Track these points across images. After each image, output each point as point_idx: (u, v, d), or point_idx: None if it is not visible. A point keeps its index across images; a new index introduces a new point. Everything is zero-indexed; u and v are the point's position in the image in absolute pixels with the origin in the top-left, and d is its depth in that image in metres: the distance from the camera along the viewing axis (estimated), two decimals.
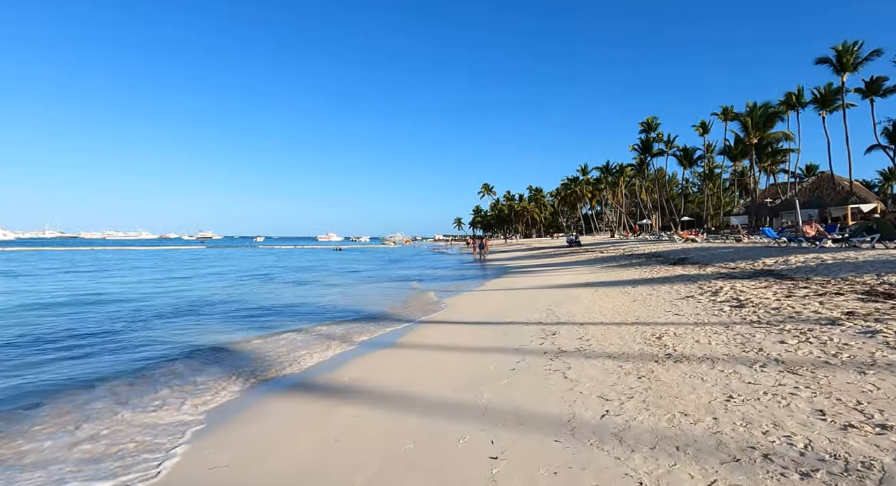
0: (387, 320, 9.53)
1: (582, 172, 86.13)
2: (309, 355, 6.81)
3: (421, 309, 11.06)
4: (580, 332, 6.79)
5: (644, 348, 5.45)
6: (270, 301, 12.76)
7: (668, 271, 13.20)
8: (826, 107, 45.86)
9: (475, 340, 7.10)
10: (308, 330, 8.71)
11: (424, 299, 13.36)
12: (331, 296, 13.82)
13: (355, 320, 9.62)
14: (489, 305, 10.73)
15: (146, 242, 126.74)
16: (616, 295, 10.06)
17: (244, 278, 20.36)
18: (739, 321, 6.15)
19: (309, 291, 15.51)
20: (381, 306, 11.45)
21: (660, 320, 6.98)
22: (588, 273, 15.88)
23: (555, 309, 9.05)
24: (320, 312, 10.86)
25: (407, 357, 6.47)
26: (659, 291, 9.85)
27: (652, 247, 25.14)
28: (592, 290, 11.34)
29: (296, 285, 17.84)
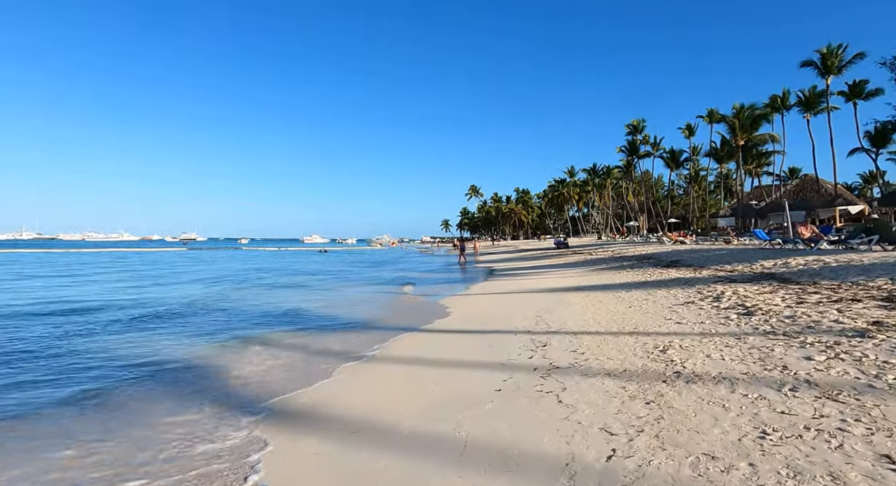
0: (361, 329, 8.75)
1: (569, 174, 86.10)
2: (262, 371, 6.00)
3: (399, 316, 10.30)
4: (574, 343, 6.10)
5: (648, 365, 4.76)
6: (238, 308, 11.87)
7: (661, 273, 12.61)
8: (810, 109, 46.10)
9: (457, 352, 6.36)
10: (268, 340, 7.88)
11: (404, 306, 12.60)
12: (304, 301, 12.96)
13: (326, 330, 8.82)
14: (474, 311, 10.02)
15: (127, 243, 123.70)
16: (610, 300, 9.41)
17: (218, 282, 19.37)
18: (751, 332, 5.50)
19: (281, 296, 14.61)
20: (356, 313, 10.66)
21: (661, 329, 6.31)
22: (578, 276, 15.25)
23: (545, 316, 8.37)
24: (288, 320, 10.02)
25: (379, 373, 5.70)
26: (655, 296, 9.22)
27: (641, 249, 24.68)
28: (584, 294, 10.68)
29: (269, 288, 16.90)
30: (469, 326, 8.36)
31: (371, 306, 12.09)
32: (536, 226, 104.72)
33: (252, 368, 6.16)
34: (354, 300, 13.27)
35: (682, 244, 27.36)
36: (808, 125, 45.68)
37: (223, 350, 7.19)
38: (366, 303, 12.67)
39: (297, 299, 13.58)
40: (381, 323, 9.36)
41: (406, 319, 9.80)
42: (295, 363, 6.38)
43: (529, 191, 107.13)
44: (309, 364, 6.28)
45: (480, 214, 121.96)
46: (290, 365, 6.28)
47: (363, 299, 13.59)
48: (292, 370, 6.01)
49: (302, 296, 14.33)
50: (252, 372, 5.96)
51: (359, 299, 13.78)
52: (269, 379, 5.65)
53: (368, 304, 12.45)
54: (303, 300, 13.11)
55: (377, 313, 10.79)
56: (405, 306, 12.33)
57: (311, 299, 13.39)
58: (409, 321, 9.30)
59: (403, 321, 9.36)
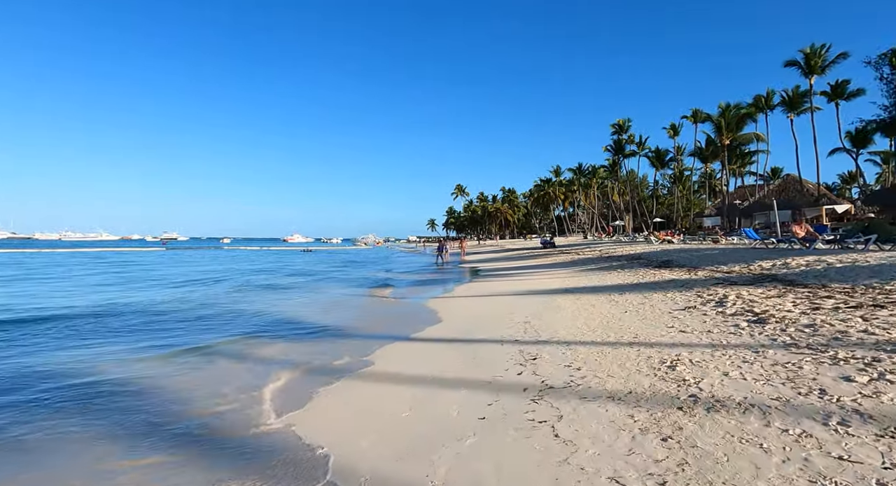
0: (331, 338, 7.95)
1: (555, 173, 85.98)
2: (210, 394, 5.18)
3: (375, 323, 9.51)
4: (567, 355, 5.40)
5: (657, 385, 4.07)
6: (201, 313, 10.95)
7: (654, 274, 12.02)
8: (794, 109, 46.34)
9: (436, 367, 5.61)
10: (227, 352, 7.04)
11: (385, 309, 11.81)
12: (276, 305, 12.09)
13: (294, 339, 8.00)
14: (458, 315, 9.28)
15: (105, 243, 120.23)
16: (603, 304, 8.74)
17: (187, 283, 18.33)
18: (769, 344, 4.85)
19: (252, 298, 13.69)
20: (327, 319, 9.84)
21: (664, 339, 5.64)
22: (567, 277, 14.62)
23: (534, 322, 7.67)
24: (257, 326, 9.17)
25: (346, 396, 4.92)
26: (652, 299, 8.58)
27: (629, 248, 24.21)
28: (575, 297, 10.02)
29: (238, 290, 15.91)
30: (453, 333, 7.63)
31: (347, 310, 11.29)
32: (522, 225, 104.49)
33: (198, 392, 5.32)
34: (334, 304, 12.42)
35: (669, 244, 27.00)
36: (791, 125, 45.91)
37: (164, 365, 6.32)
38: (344, 307, 11.86)
39: (271, 301, 12.68)
40: (358, 330, 8.57)
41: (388, 325, 9.04)
42: (248, 385, 5.56)
43: (515, 190, 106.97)
44: (274, 382, 5.47)
45: (466, 214, 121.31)
46: (252, 387, 5.47)
47: (341, 302, 12.76)
48: (248, 393, 5.19)
49: (276, 298, 13.44)
50: (197, 398, 5.13)
51: (338, 301, 12.95)
52: (210, 407, 4.83)
53: (344, 308, 11.64)
54: (276, 304, 12.23)
55: (355, 318, 9.98)
56: (387, 310, 11.55)
57: (287, 303, 12.51)
58: (390, 328, 8.55)
59: (384, 328, 8.59)
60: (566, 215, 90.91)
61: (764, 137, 43.99)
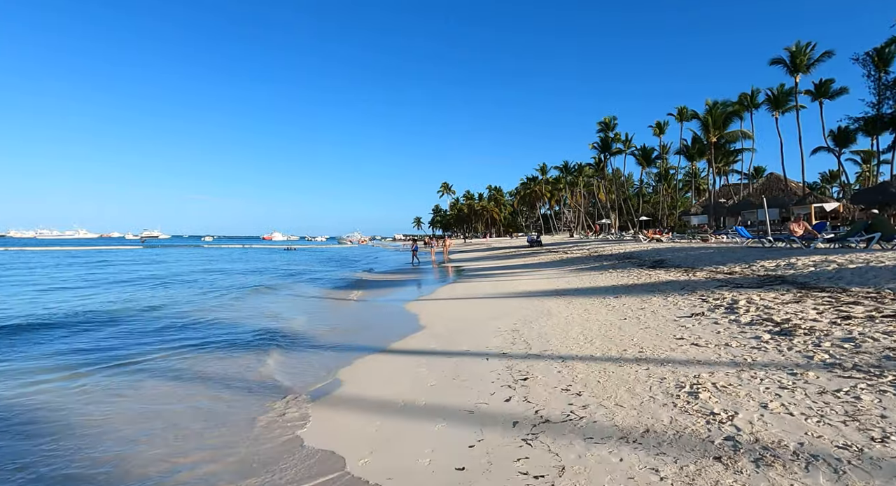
0: (300, 350, 7.01)
1: (541, 171, 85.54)
2: (119, 440, 4.24)
3: (350, 330, 8.60)
4: (564, 374, 4.57)
5: (679, 420, 3.25)
6: (138, 318, 9.91)
7: (649, 275, 11.29)
8: (779, 108, 46.30)
9: (412, 389, 4.75)
10: (136, 367, 6.07)
11: (358, 315, 10.88)
12: (237, 309, 11.10)
13: (256, 349, 7.05)
14: (439, 322, 8.40)
15: (81, 241, 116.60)
16: (598, 309, 7.95)
17: (145, 285, 17.16)
18: (804, 363, 4.08)
19: (215, 302, 12.65)
20: (295, 325, 8.90)
21: (675, 353, 4.85)
22: (556, 277, 13.84)
23: (523, 330, 6.84)
24: (197, 335, 8.19)
25: (300, 434, 4.03)
26: (652, 303, 7.81)
27: (618, 247, 23.60)
28: (566, 301, 9.22)
29: (202, 293, 14.77)
30: (433, 343, 6.77)
31: (323, 315, 10.35)
32: (509, 224, 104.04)
33: (106, 438, 4.37)
34: (306, 307, 11.45)
35: (658, 242, 26.49)
36: (776, 123, 45.92)
37: (65, 391, 5.34)
38: (318, 311, 10.91)
39: (231, 306, 11.68)
40: (331, 340, 7.64)
41: (364, 332, 8.17)
42: (175, 423, 4.62)
43: (502, 189, 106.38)
44: (215, 407, 4.54)
45: (453, 212, 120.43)
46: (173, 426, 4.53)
47: (315, 306, 11.81)
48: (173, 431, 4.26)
49: (243, 302, 12.42)
50: (99, 447, 4.18)
51: (311, 305, 11.98)
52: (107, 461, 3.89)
53: (320, 312, 10.70)
54: (239, 308, 11.23)
55: (329, 326, 9.03)
56: (364, 314, 10.63)
57: (254, 307, 11.51)
58: (367, 336, 7.70)
59: (360, 337, 7.72)
60: (552, 214, 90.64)
61: (751, 134, 43.91)
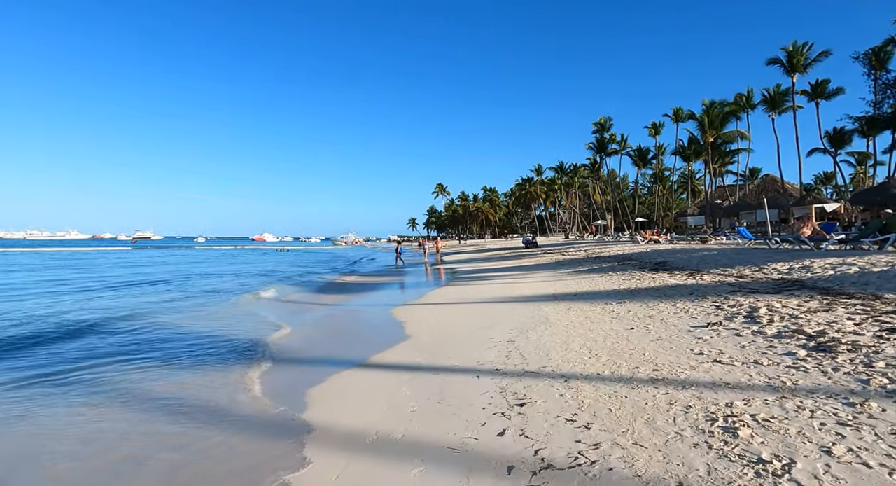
0: (262, 363, 6.25)
1: (536, 172, 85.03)
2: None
3: (329, 339, 7.85)
4: (568, 399, 3.86)
5: (719, 469, 2.54)
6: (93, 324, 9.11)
7: (653, 279, 10.61)
8: (775, 108, 45.96)
9: (388, 415, 4.01)
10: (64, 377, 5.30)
11: (339, 322, 10.09)
12: (194, 317, 10.32)
13: (219, 364, 6.28)
14: (426, 330, 7.66)
15: (72, 242, 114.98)
16: (601, 316, 7.24)
17: (115, 289, 16.31)
18: (860, 389, 3.37)
19: (178, 305, 11.86)
20: (265, 334, 8.12)
21: (696, 373, 4.14)
22: (554, 280, 13.14)
23: (519, 341, 6.13)
24: (136, 349, 7.41)
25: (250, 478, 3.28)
26: (660, 310, 7.11)
27: (616, 249, 22.96)
28: (565, 307, 8.50)
29: (168, 299, 13.93)
30: (418, 356, 6.03)
31: (301, 321, 9.55)
32: (504, 225, 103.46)
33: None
34: (286, 312, 10.67)
35: (656, 244, 25.89)
36: (773, 124, 45.68)
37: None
38: (297, 317, 10.12)
39: (196, 314, 10.89)
40: (305, 351, 6.89)
41: (343, 342, 7.47)
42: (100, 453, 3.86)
43: (497, 190, 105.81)
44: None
45: (447, 213, 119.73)
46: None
47: (295, 311, 11.02)
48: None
49: (211, 309, 11.63)
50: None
51: (292, 309, 11.20)
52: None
53: (300, 318, 9.91)
54: (204, 317, 10.45)
55: (305, 335, 8.27)
56: (346, 321, 9.85)
57: (222, 315, 10.73)
58: (345, 347, 7.00)
59: (338, 347, 7.00)
60: (547, 215, 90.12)
61: (748, 134, 43.42)
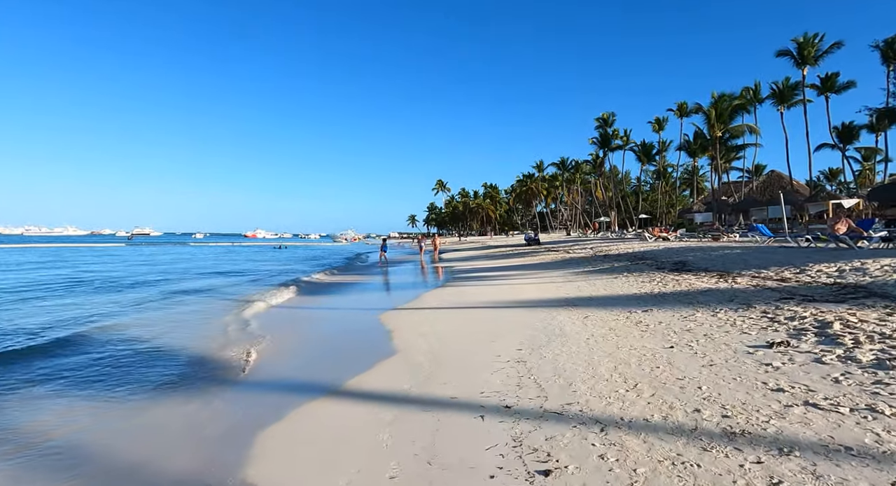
0: (209, 387, 5.06)
1: (537, 168, 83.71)
2: None
3: (301, 353, 6.66)
4: (611, 463, 2.68)
5: None
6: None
7: (677, 281, 9.41)
8: (784, 102, 44.62)
9: (360, 480, 2.82)
10: None
11: (318, 329, 8.88)
12: (149, 322, 9.14)
13: (142, 386, 5.10)
14: (418, 343, 6.46)
15: (67, 239, 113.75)
16: (627, 328, 6.06)
17: (68, 289, 15.12)
18: None
19: (115, 311, 10.69)
20: (224, 347, 6.93)
21: (788, 425, 2.94)
22: (563, 282, 11.95)
23: (532, 360, 4.95)
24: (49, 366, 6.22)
25: None
26: (698, 321, 5.92)
27: (624, 246, 21.76)
28: (581, 314, 7.32)
29: (118, 303, 12.78)
30: (405, 381, 4.84)
31: (273, 329, 8.34)
32: (504, 222, 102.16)
33: None
34: (260, 319, 9.47)
35: (665, 241, 24.70)
36: (781, 118, 44.33)
37: None
38: (270, 323, 8.91)
39: (152, 318, 9.70)
40: (269, 370, 5.70)
41: (318, 358, 6.32)
42: None
43: (497, 186, 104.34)
44: None
45: (448, 210, 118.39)
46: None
47: (268, 316, 9.83)
48: None
49: (171, 311, 10.44)
50: None
51: (265, 314, 10.01)
52: None
53: (272, 324, 8.70)
54: (163, 320, 9.26)
55: (276, 348, 7.07)
56: (326, 329, 8.65)
57: (183, 321, 9.54)
58: (319, 365, 5.86)
59: (311, 365, 5.84)
60: (548, 212, 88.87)
61: (757, 128, 42.07)
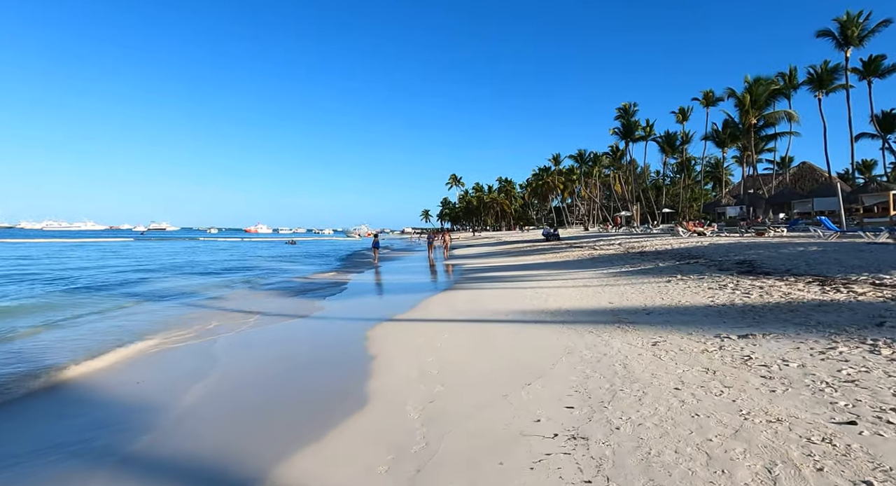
0: (77, 456, 3.02)
1: (554, 161, 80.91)
2: None
3: (246, 390, 4.59)
4: None
5: None
6: None
7: (759, 288, 7.14)
8: (823, 87, 41.30)
9: None
10: None
11: (282, 350, 6.80)
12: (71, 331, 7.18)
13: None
14: (408, 386, 4.35)
15: (85, 233, 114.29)
16: (734, 371, 3.87)
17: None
18: None
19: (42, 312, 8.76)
20: (140, 378, 4.91)
21: None
22: (599, 284, 9.73)
23: (597, 439, 2.83)
24: None
25: None
26: (854, 363, 3.72)
27: (658, 242, 19.38)
28: (644, 336, 5.15)
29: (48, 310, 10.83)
30: (381, 479, 2.74)
31: (230, 348, 6.30)
32: (519, 216, 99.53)
33: None
34: (217, 330, 7.44)
35: (701, 236, 22.22)
36: (819, 105, 41.13)
37: None
38: (228, 340, 6.87)
39: (77, 326, 7.74)
40: (189, 424, 3.67)
41: (265, 402, 4.21)
42: None
43: (513, 181, 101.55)
44: None
45: (462, 205, 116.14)
46: None
47: (227, 330, 7.79)
48: None
49: (112, 320, 8.49)
50: None
51: (222, 328, 7.98)
52: None
53: (229, 341, 6.67)
54: (85, 331, 7.29)
55: (218, 375, 5.04)
56: (293, 350, 6.55)
57: (120, 331, 7.57)
58: (263, 420, 3.70)
59: (247, 425, 3.70)
60: (565, 206, 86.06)
61: (796, 115, 38.87)
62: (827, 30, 38.16)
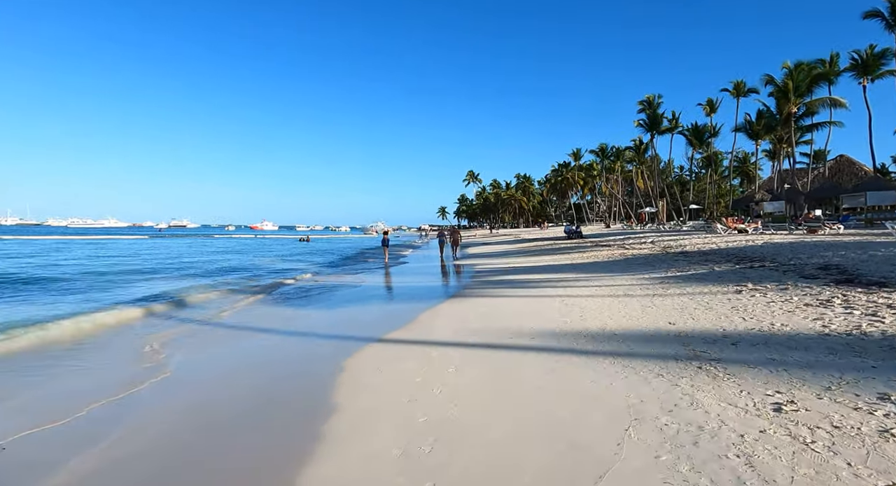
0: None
1: (574, 156, 78.13)
2: None
3: (169, 454, 2.88)
4: None
5: None
6: None
7: (893, 308, 5.22)
8: (867, 74, 38.07)
9: None
10: None
11: (217, 394, 5.09)
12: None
13: None
14: (378, 482, 2.60)
15: (107, 230, 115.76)
16: None
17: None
18: None
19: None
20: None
21: None
22: (643, 294, 7.85)
23: None
24: None
25: None
26: None
27: (697, 241, 17.28)
28: (743, 388, 3.32)
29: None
30: None
31: (169, 383, 4.65)
32: (538, 213, 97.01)
33: None
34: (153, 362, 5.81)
35: (743, 233, 20.02)
36: (864, 92, 37.90)
37: None
38: (172, 376, 5.23)
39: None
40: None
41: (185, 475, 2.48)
42: None
43: (531, 177, 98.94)
44: None
45: (479, 201, 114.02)
46: None
47: (194, 343, 6.15)
48: None
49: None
50: None
51: (191, 341, 6.35)
52: None
53: (174, 375, 5.02)
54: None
55: (145, 418, 3.38)
56: (243, 387, 4.86)
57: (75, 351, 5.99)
58: None
59: None
60: (584, 203, 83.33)
61: (843, 101, 35.86)
62: (876, 10, 35.10)
